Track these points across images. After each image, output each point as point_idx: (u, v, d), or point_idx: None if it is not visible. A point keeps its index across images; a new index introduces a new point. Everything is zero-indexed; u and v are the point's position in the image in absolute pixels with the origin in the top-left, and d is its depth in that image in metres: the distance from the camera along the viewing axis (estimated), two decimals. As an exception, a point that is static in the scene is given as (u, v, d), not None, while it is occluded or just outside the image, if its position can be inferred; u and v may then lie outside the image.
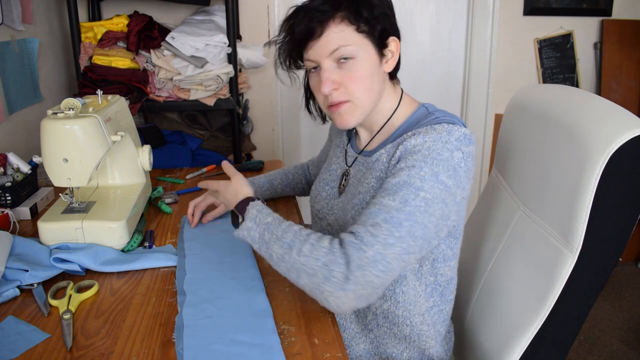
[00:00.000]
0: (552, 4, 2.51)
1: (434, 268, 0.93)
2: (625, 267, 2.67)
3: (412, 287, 0.94)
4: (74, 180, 1.05)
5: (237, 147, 2.13)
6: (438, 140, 0.84)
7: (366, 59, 0.91)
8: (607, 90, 2.58)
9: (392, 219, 0.79)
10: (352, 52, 0.89)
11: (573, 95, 0.99)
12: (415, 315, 0.95)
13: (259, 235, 0.86)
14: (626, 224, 0.84)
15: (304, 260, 0.79)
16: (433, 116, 0.92)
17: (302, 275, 0.80)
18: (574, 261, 0.85)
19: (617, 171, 0.80)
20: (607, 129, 0.82)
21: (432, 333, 0.98)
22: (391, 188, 0.83)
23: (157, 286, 0.96)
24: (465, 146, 0.85)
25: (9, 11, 1.58)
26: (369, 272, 0.76)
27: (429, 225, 0.81)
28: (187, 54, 1.89)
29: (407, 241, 0.79)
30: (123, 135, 1.12)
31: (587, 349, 2.04)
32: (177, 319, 0.85)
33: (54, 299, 0.91)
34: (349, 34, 0.89)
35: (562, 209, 0.87)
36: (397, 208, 0.80)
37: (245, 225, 0.89)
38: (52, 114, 1.03)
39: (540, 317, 0.90)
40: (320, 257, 0.78)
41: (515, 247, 1.02)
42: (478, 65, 2.56)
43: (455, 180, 0.83)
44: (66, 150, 1.02)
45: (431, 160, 0.82)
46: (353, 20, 0.89)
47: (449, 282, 0.98)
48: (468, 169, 0.86)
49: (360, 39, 0.90)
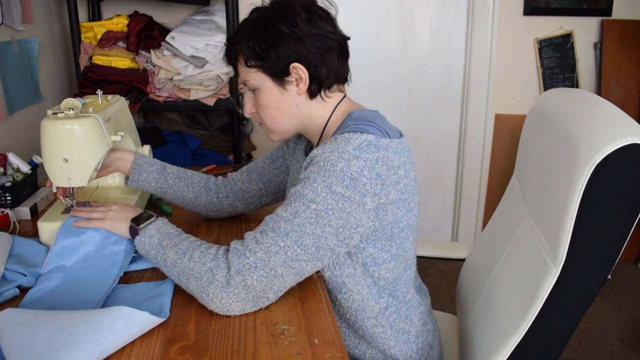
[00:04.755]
0: (552, 4, 2.51)
1: (368, 271, 0.94)
2: (625, 267, 2.67)
3: (355, 292, 0.95)
4: (74, 181, 1.05)
5: (237, 147, 2.13)
6: (335, 151, 0.85)
7: (266, 90, 0.97)
8: (607, 90, 2.58)
9: (280, 228, 0.84)
10: (254, 85, 0.97)
11: (578, 99, 0.95)
12: (366, 319, 0.96)
13: (157, 242, 0.92)
14: (613, 241, 0.80)
15: (192, 265, 0.86)
16: (346, 125, 0.93)
17: (190, 280, 0.86)
18: (557, 275, 0.82)
19: (602, 183, 0.75)
20: (596, 137, 0.77)
21: (389, 334, 0.98)
22: (288, 198, 0.87)
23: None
24: (368, 153, 0.85)
25: (9, 11, 1.58)
26: (249, 277, 0.83)
27: (324, 235, 0.84)
28: (187, 54, 1.89)
29: (294, 250, 0.83)
30: (123, 135, 1.12)
31: (587, 349, 2.04)
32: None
33: (54, 299, 0.90)
34: (245, 70, 0.97)
35: (553, 220, 0.85)
36: (286, 219, 0.84)
37: (148, 232, 0.93)
38: (52, 114, 1.03)
39: (520, 330, 0.87)
40: (206, 262, 0.85)
41: (515, 255, 1.01)
42: (478, 65, 2.56)
43: (356, 189, 0.83)
44: (66, 150, 1.02)
45: (324, 172, 0.84)
46: (244, 58, 0.95)
47: (396, 283, 0.97)
48: (377, 174, 0.85)
49: (254, 74, 0.96)
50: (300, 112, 0.99)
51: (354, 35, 1.09)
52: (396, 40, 2.55)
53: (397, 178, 0.88)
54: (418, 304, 1.03)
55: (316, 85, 0.95)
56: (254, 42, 0.93)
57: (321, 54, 0.93)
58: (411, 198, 0.93)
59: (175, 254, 0.89)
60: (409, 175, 0.92)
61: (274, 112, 0.98)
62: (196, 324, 0.84)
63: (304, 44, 0.92)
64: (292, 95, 0.97)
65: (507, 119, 2.62)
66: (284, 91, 0.96)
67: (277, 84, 0.96)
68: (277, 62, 0.93)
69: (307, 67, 0.93)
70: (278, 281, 0.85)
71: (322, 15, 0.94)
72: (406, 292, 1.00)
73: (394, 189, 0.88)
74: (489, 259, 1.12)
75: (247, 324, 0.84)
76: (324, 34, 0.93)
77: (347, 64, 0.99)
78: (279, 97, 0.97)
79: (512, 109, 2.63)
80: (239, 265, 0.83)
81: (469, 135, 2.62)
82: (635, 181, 0.76)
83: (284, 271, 0.84)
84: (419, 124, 2.68)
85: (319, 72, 0.94)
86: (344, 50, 0.97)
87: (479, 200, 2.73)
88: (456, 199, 2.79)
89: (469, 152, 2.66)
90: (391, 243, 0.93)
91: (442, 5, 2.52)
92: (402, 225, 0.92)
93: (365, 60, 2.57)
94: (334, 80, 0.97)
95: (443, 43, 2.57)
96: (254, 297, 0.84)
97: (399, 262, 0.96)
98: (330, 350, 0.78)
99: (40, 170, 1.40)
